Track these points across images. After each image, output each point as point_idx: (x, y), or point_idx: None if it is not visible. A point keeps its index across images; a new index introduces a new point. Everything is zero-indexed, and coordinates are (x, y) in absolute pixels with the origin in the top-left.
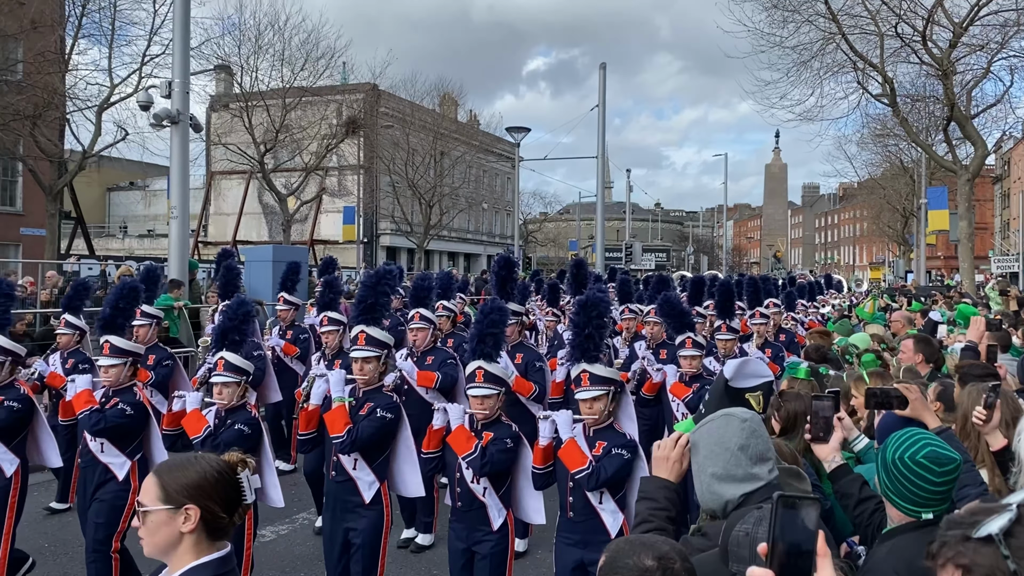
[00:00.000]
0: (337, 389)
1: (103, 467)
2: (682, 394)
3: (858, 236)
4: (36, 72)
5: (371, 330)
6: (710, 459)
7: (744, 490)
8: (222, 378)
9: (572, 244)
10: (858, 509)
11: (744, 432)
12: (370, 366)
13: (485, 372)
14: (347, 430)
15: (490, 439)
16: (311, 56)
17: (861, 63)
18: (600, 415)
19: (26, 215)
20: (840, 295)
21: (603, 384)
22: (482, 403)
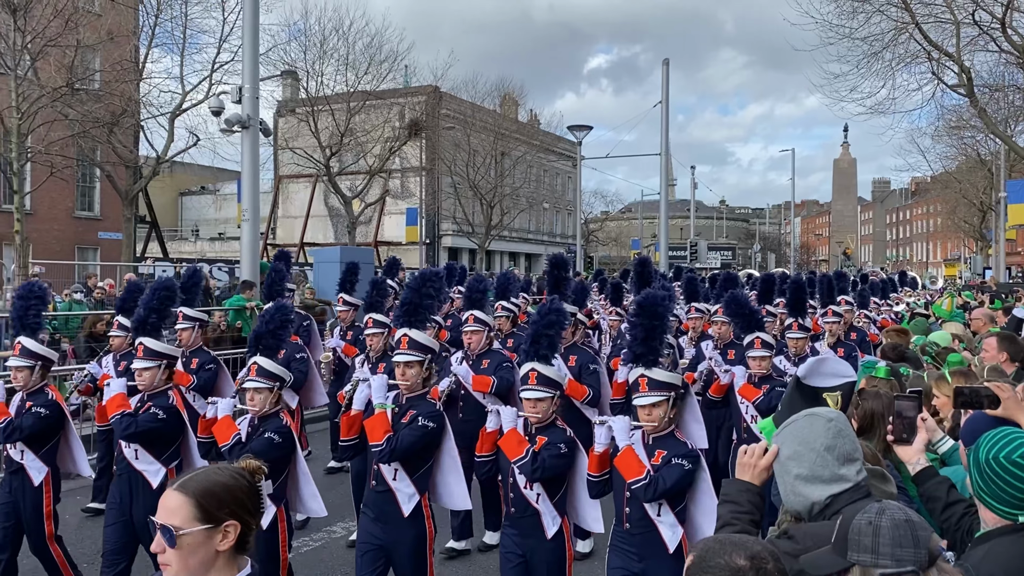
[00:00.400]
0: (379, 395)
1: (137, 475)
2: (752, 396)
3: (931, 232)
4: (113, 81)
5: (414, 333)
6: (795, 460)
7: (831, 492)
8: (254, 383)
9: (634, 243)
10: (946, 513)
11: (830, 432)
12: (413, 371)
13: (539, 374)
14: (387, 438)
15: (543, 444)
16: (374, 60)
17: (936, 53)
18: (660, 422)
19: (104, 219)
20: (915, 292)
21: (663, 389)
22: (535, 406)
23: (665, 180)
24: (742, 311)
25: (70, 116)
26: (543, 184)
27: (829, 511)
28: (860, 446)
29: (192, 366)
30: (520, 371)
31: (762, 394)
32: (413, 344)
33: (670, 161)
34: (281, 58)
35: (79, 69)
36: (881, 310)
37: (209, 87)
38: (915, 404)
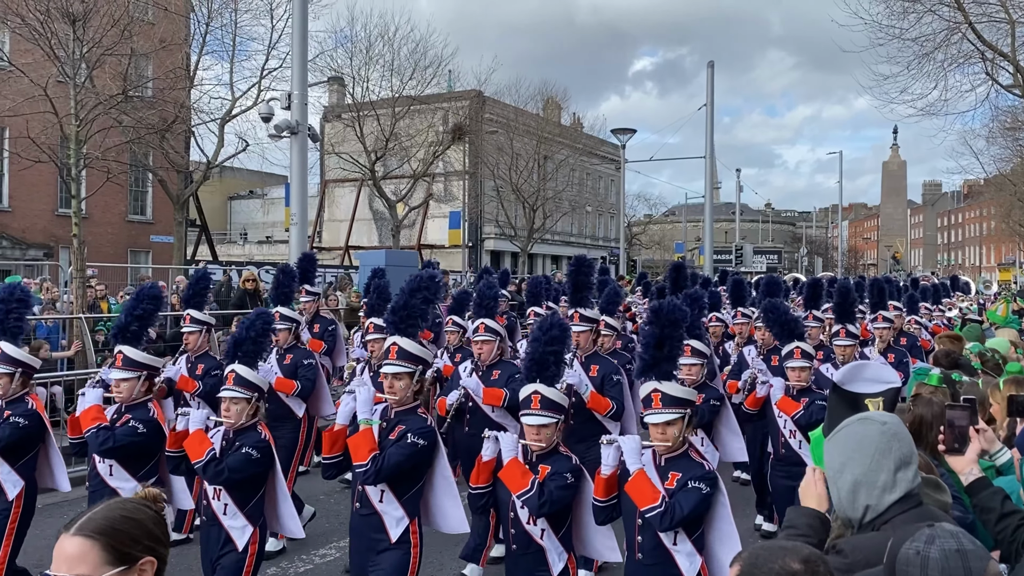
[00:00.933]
0: (364, 409)
1: (111, 493)
2: (791, 410)
3: (985, 235)
4: (166, 88)
5: (405, 342)
6: (848, 465)
7: (887, 499)
8: (231, 393)
9: (678, 246)
10: (1000, 524)
11: (885, 436)
12: (401, 383)
13: (543, 398)
14: (372, 457)
15: (547, 473)
16: (419, 65)
17: (990, 53)
18: (674, 442)
19: (155, 223)
20: (967, 297)
21: (678, 406)
22: (538, 433)
23: (710, 183)
24: (780, 319)
25: (124, 123)
26: (586, 187)
27: (881, 520)
28: (915, 450)
29: (198, 372)
30: (521, 393)
31: (801, 408)
32: (403, 354)
33: (715, 164)
34: (328, 64)
35: (133, 77)
36: (933, 316)
37: (258, 93)
38: (967, 413)
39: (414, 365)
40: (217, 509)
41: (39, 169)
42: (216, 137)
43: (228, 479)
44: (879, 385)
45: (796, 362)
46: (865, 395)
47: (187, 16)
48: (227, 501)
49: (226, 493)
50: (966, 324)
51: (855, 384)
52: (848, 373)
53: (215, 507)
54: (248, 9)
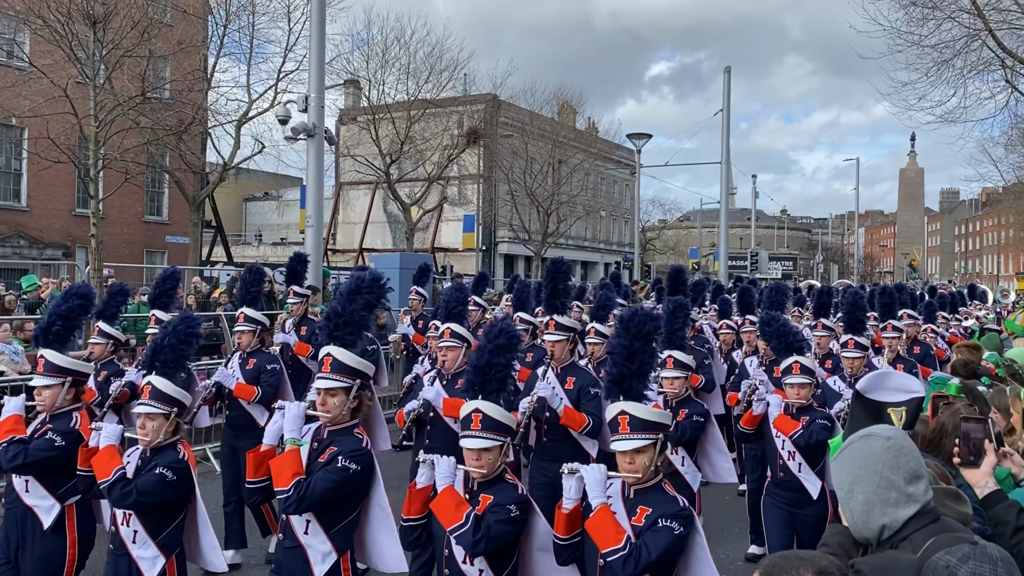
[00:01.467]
0: (292, 427)
1: (27, 511)
2: (789, 429)
3: (1003, 244)
4: (183, 90)
5: (340, 353)
6: (858, 484)
7: (901, 515)
8: (147, 408)
9: (693, 252)
10: (1016, 538)
11: (891, 451)
12: (336, 399)
13: (484, 417)
14: (295, 483)
15: (488, 505)
16: (435, 69)
17: (1010, 60)
18: (645, 472)
19: (171, 224)
20: (985, 307)
21: (649, 431)
22: (479, 458)
23: (725, 189)
24: (778, 332)
25: (142, 124)
26: (600, 192)
27: (898, 537)
28: (924, 462)
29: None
30: (461, 412)
31: (800, 427)
32: (338, 367)
33: (730, 169)
34: (344, 67)
35: (151, 78)
36: (950, 325)
37: (274, 96)
38: (982, 426)
39: (350, 379)
40: (126, 536)
41: (57, 169)
42: (232, 139)
43: (137, 503)
44: (902, 394)
45: (795, 378)
46: (888, 404)
47: (205, 19)
48: (137, 528)
49: (136, 519)
50: (985, 333)
51: (878, 393)
52: (871, 382)
53: (123, 534)
54: (266, 12)
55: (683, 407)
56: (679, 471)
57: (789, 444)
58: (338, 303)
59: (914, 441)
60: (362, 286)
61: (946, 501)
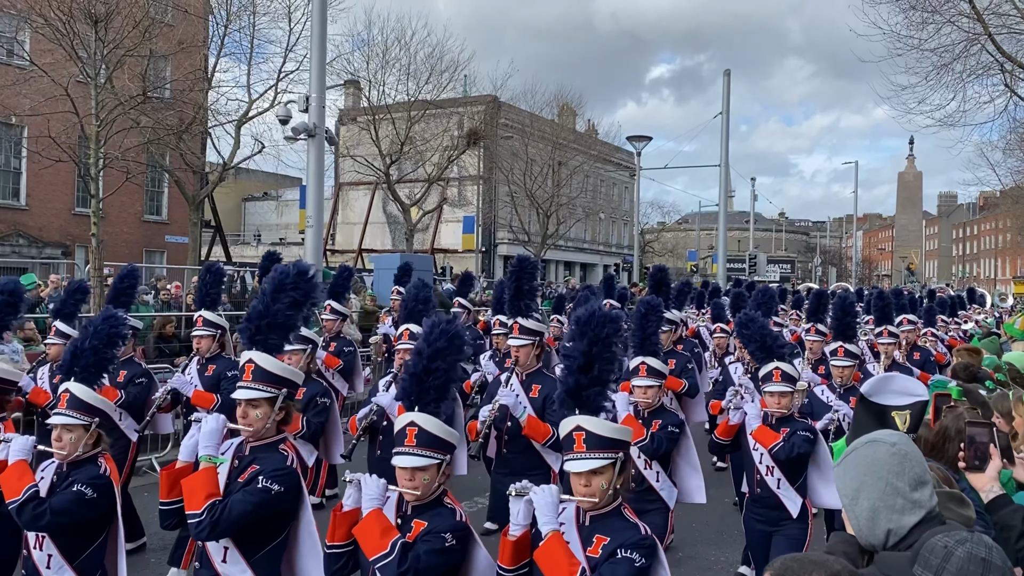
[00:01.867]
0: (208, 442)
1: None
2: (768, 441)
3: (1000, 248)
4: (183, 89)
5: (263, 359)
6: (863, 491)
7: (907, 521)
8: (62, 418)
9: (691, 254)
10: (1021, 542)
11: (896, 457)
12: (258, 411)
13: (420, 431)
14: (209, 505)
15: (420, 532)
16: (435, 70)
17: (1009, 64)
18: (602, 496)
19: (171, 223)
20: (983, 310)
21: (607, 449)
22: (412, 478)
23: (724, 192)
24: (756, 336)
25: (142, 123)
26: (600, 194)
27: (904, 544)
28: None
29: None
30: (396, 424)
31: (781, 439)
32: (261, 375)
33: (729, 172)
34: (344, 67)
35: (152, 78)
36: (949, 328)
37: (274, 96)
38: (988, 431)
39: (275, 388)
40: (39, 561)
41: (57, 168)
42: (232, 139)
43: (51, 523)
44: (906, 398)
45: (775, 386)
46: (892, 407)
47: (206, 18)
48: (51, 551)
49: (50, 541)
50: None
51: (882, 396)
52: (875, 385)
53: (36, 559)
54: (266, 12)
55: (656, 417)
56: (653, 487)
57: (767, 458)
58: (260, 302)
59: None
60: (286, 282)
61: (949, 505)
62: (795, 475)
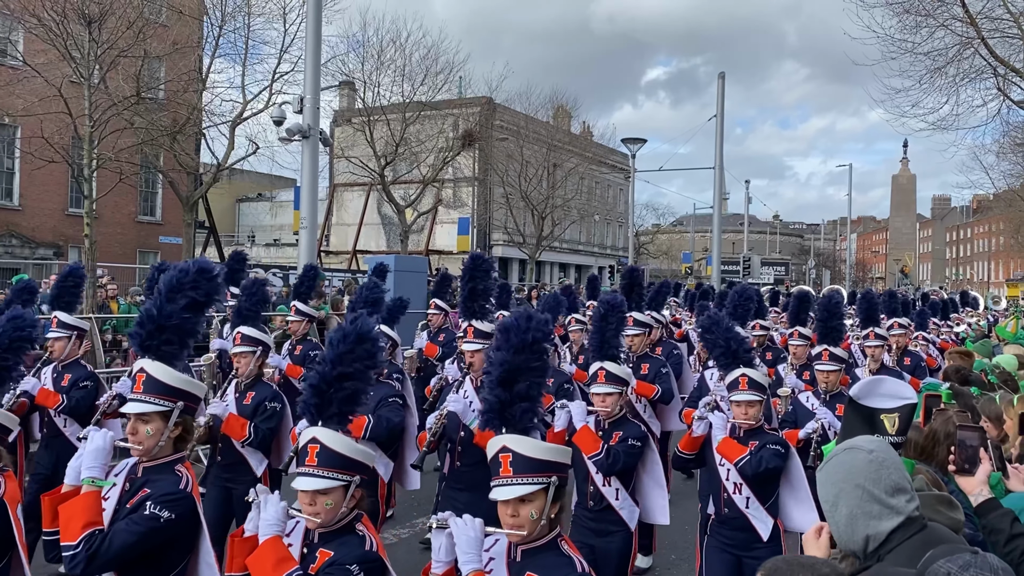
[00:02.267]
0: (93, 463)
1: None
2: (734, 455)
3: (993, 251)
4: (178, 90)
5: (156, 368)
6: (842, 497)
7: (885, 527)
8: None
9: (686, 256)
10: (1009, 546)
11: (873, 464)
12: (149, 427)
13: (322, 449)
14: (86, 535)
15: (323, 564)
16: (430, 71)
17: (1002, 68)
18: (532, 527)
19: (164, 224)
20: (976, 313)
21: (539, 472)
22: (312, 502)
23: (719, 194)
24: (719, 340)
25: (136, 124)
26: (595, 196)
27: (884, 549)
28: (908, 475)
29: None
30: (300, 439)
31: (748, 453)
32: (153, 385)
33: (724, 175)
34: (339, 69)
35: (146, 78)
36: (941, 331)
37: (269, 96)
38: (978, 434)
39: (170, 401)
40: None
41: (50, 168)
42: (226, 139)
43: None
44: (895, 400)
45: (742, 395)
46: (881, 410)
47: (200, 19)
48: None
49: None
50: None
51: (871, 399)
52: (864, 388)
53: None
54: (261, 13)
55: (617, 429)
56: (613, 506)
57: (735, 473)
58: (153, 304)
59: (907, 447)
60: (184, 281)
61: (939, 507)
62: (766, 493)
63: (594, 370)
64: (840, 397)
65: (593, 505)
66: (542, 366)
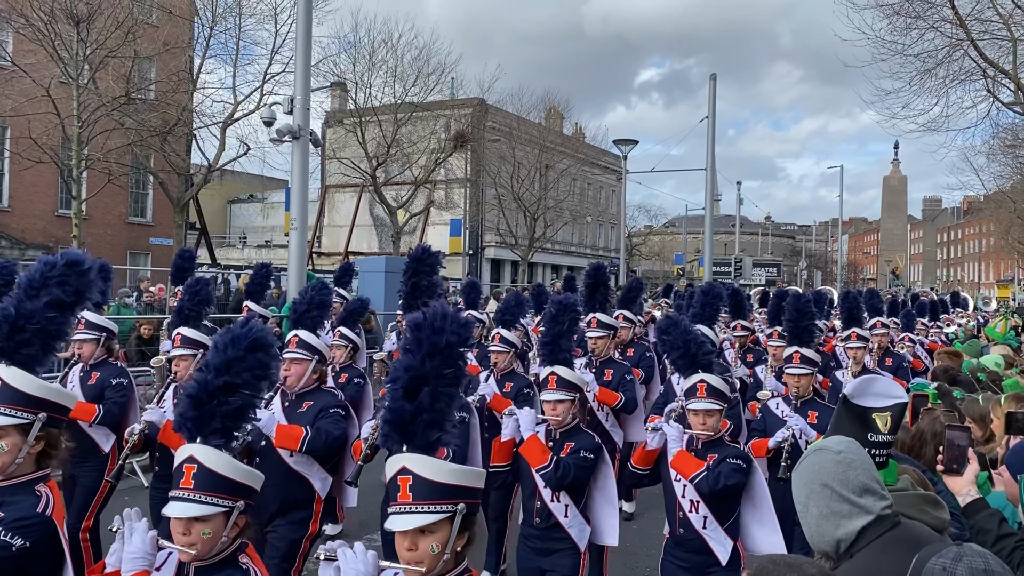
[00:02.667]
0: None
1: None
2: (690, 471)
3: (984, 252)
4: (168, 91)
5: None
6: (812, 498)
7: (855, 526)
8: None
9: (678, 258)
10: (997, 546)
11: (841, 465)
12: (4, 442)
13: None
14: None
15: None
16: (422, 72)
17: (991, 70)
18: (432, 563)
19: (155, 226)
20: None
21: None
22: (188, 531)
23: (710, 195)
24: (678, 342)
25: (126, 125)
26: (587, 197)
27: (856, 548)
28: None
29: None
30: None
31: (705, 468)
32: (9, 395)
33: (715, 176)
34: (331, 70)
35: (136, 79)
36: (929, 332)
37: (260, 97)
38: (966, 434)
39: (29, 412)
40: None
41: (39, 169)
42: (217, 140)
43: None
44: (887, 400)
45: (700, 403)
46: (873, 409)
47: (191, 20)
48: None
49: None
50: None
51: (864, 399)
52: (858, 387)
53: None
54: (252, 14)
55: (569, 439)
56: (561, 524)
57: (691, 490)
58: (11, 302)
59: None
60: (50, 275)
61: (924, 507)
62: (725, 513)
63: (545, 375)
64: (813, 403)
65: (540, 523)
66: (455, 374)
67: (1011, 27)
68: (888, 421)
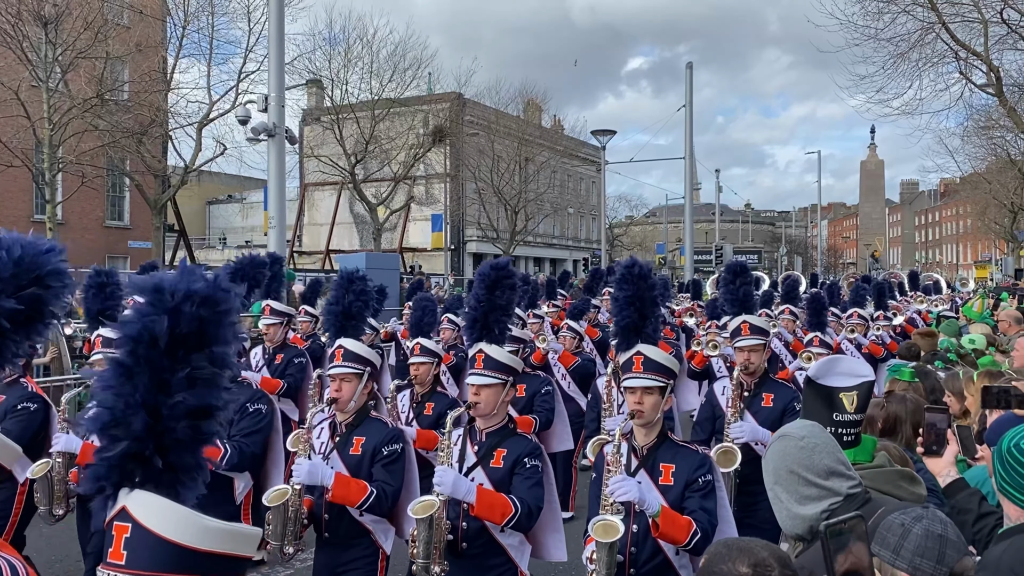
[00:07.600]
0: None
1: None
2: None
3: (961, 233)
4: (142, 92)
5: None
6: (780, 485)
7: (823, 507)
8: None
9: (659, 247)
10: (977, 525)
11: (805, 450)
12: None
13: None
14: None
15: None
16: (398, 67)
17: (964, 52)
18: None
19: (133, 228)
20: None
21: None
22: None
23: (690, 184)
24: None
25: (100, 127)
26: (567, 189)
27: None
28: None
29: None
30: None
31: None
32: None
33: (695, 164)
34: (306, 67)
35: (108, 80)
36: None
37: (236, 96)
38: (946, 416)
39: None
40: None
41: (13, 174)
42: (194, 141)
43: None
44: (853, 379)
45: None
46: (839, 389)
47: (163, 19)
48: None
49: None
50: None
51: (829, 379)
52: (822, 368)
53: None
54: (225, 12)
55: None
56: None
57: None
58: None
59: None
60: None
61: (900, 483)
62: None
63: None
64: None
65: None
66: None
67: (981, 9)
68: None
